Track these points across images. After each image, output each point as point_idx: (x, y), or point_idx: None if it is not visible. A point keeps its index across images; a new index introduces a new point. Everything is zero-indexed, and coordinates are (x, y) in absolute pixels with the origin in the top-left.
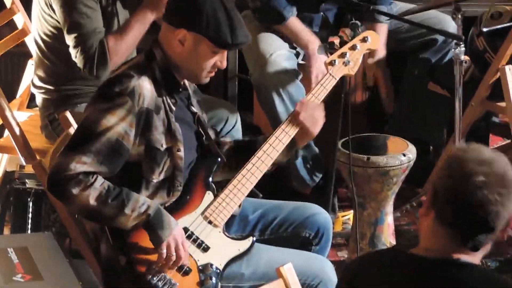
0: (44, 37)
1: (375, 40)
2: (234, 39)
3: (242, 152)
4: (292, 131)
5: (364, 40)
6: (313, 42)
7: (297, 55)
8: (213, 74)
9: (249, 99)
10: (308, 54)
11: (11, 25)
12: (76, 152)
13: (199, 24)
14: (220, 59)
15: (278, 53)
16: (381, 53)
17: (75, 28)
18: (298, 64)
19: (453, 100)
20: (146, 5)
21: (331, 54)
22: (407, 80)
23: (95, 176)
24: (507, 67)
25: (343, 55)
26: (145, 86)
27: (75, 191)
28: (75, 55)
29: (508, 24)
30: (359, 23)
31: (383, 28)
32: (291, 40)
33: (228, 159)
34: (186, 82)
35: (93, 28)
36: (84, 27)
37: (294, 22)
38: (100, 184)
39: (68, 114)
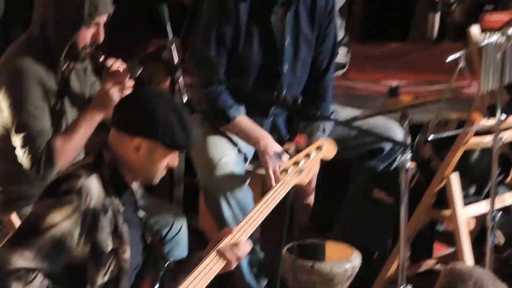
0: None
1: (331, 149)
2: (189, 141)
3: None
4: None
5: (319, 148)
6: (265, 138)
7: (245, 159)
8: (164, 173)
9: (194, 202)
10: (261, 150)
11: None
12: (18, 246)
13: (154, 132)
14: (173, 159)
15: (227, 158)
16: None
17: (23, 129)
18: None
19: (398, 207)
20: (94, 105)
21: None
22: (352, 188)
23: (35, 273)
24: (453, 175)
25: (297, 163)
26: (92, 186)
27: (13, 286)
28: (22, 156)
29: (454, 132)
30: (312, 129)
31: (327, 128)
32: (242, 139)
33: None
34: (134, 186)
35: (40, 129)
36: (32, 127)
37: (242, 120)
38: (39, 281)
39: (13, 217)
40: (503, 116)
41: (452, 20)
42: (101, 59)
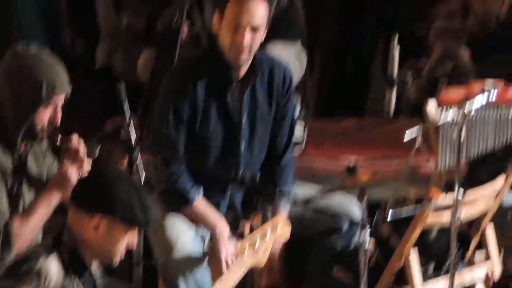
0: None
1: (286, 227)
2: (148, 218)
3: None
4: None
5: (274, 227)
6: (220, 223)
7: (202, 238)
8: (123, 253)
9: (154, 283)
10: (216, 236)
11: None
12: None
13: (113, 209)
14: (132, 238)
15: (184, 238)
16: (285, 236)
17: None
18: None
19: (358, 286)
20: (51, 186)
21: (241, 239)
22: (311, 266)
23: None
24: (412, 253)
25: (253, 242)
26: (52, 267)
27: None
28: None
29: (412, 212)
30: (268, 207)
31: (285, 207)
32: (198, 223)
33: None
34: (93, 266)
35: None
36: None
37: (200, 203)
38: None
39: None
40: (461, 193)
41: (408, 97)
42: (59, 139)
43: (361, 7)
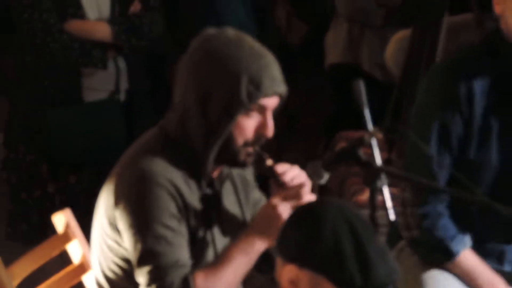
0: (109, 274)
1: None
2: (369, 280)
3: None
4: None
5: None
6: (496, 285)
7: None
8: None
9: None
10: None
11: (63, 257)
12: None
13: (315, 261)
14: None
15: None
16: None
17: (149, 259)
18: None
19: None
20: (255, 227)
21: None
22: None
23: None
24: None
25: None
26: None
27: None
28: None
29: None
30: None
31: None
32: (466, 284)
33: None
34: None
35: (174, 259)
36: (162, 256)
37: (467, 258)
38: None
39: None
40: None
41: None
42: (269, 163)
43: None
